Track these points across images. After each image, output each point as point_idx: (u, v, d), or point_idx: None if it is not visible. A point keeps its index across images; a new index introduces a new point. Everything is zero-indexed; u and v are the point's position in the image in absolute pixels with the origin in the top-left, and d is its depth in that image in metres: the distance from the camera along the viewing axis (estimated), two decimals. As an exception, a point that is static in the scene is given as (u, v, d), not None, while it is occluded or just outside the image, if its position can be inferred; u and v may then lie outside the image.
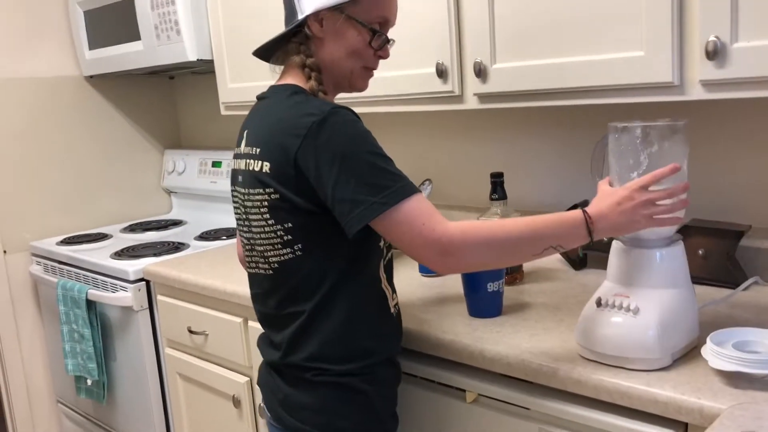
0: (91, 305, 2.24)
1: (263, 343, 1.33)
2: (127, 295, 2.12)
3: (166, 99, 3.05)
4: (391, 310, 1.27)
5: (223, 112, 2.27)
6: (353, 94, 1.37)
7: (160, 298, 2.10)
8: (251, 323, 1.77)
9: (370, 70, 1.28)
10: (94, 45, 2.62)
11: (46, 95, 2.67)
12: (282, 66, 1.31)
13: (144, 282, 2.14)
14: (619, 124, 1.15)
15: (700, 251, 1.48)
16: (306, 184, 1.13)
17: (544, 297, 1.50)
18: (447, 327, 1.36)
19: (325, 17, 1.20)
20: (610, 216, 1.09)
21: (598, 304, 1.16)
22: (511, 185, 1.96)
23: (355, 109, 1.17)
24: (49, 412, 2.74)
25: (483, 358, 1.25)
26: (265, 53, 1.31)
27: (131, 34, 2.40)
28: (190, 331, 1.97)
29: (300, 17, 1.21)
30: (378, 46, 1.24)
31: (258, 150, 1.19)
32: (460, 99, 1.60)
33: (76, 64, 2.74)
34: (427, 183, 1.90)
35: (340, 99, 1.67)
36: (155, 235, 2.61)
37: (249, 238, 1.25)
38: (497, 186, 1.59)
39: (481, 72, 1.52)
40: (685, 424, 1.03)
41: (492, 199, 1.60)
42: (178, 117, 3.10)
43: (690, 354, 1.14)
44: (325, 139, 1.10)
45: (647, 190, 1.08)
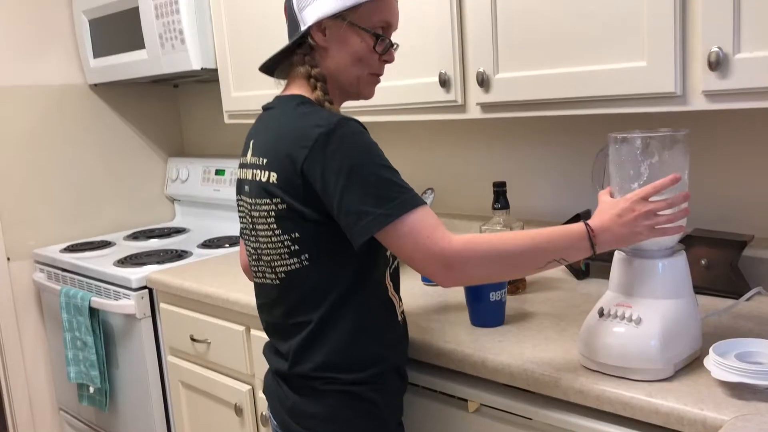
0: (94, 313, 2.24)
1: (269, 351, 1.32)
2: (129, 303, 2.13)
3: (170, 107, 3.06)
4: (398, 318, 1.27)
5: (226, 121, 2.28)
6: (356, 102, 1.37)
7: (162, 306, 2.10)
8: (254, 332, 1.77)
9: (377, 77, 1.28)
10: (98, 53, 2.64)
11: (51, 103, 2.69)
12: (285, 79, 1.31)
13: (147, 290, 2.14)
14: (619, 134, 1.14)
15: (703, 261, 1.48)
16: (313, 195, 1.13)
17: (547, 306, 1.50)
18: (449, 336, 1.36)
19: (327, 26, 1.21)
20: (611, 228, 1.09)
21: (601, 314, 1.16)
22: (514, 194, 1.96)
23: (359, 118, 1.17)
24: (51, 419, 2.74)
25: (485, 367, 1.25)
26: (270, 67, 1.32)
27: (136, 42, 2.41)
28: (193, 339, 1.97)
29: (303, 28, 1.21)
30: (382, 50, 1.24)
31: (265, 160, 1.19)
32: (462, 108, 1.61)
33: (80, 72, 2.75)
34: (429, 192, 1.91)
35: (344, 108, 1.68)
36: (158, 243, 2.61)
37: (256, 248, 1.25)
38: (500, 195, 1.59)
39: (483, 82, 1.52)
40: (688, 436, 1.03)
41: (494, 209, 1.60)
42: (181, 125, 3.11)
43: (692, 364, 1.14)
44: (332, 150, 1.10)
45: (648, 200, 1.09)
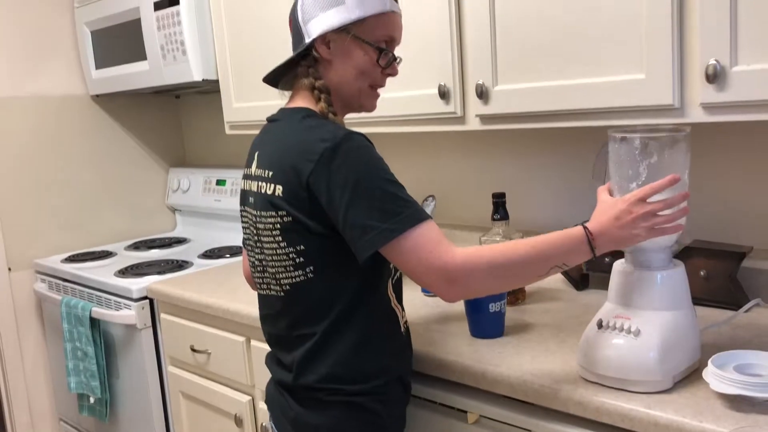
0: (94, 323, 2.24)
1: (272, 362, 1.32)
2: (130, 313, 2.13)
3: (172, 118, 3.07)
4: (401, 329, 1.27)
5: (227, 132, 2.29)
6: (356, 114, 1.38)
7: (163, 316, 2.10)
8: (254, 342, 1.77)
9: (377, 89, 1.29)
10: (100, 64, 2.65)
11: (52, 114, 2.70)
12: (290, 90, 1.32)
13: (147, 300, 2.14)
14: (618, 134, 1.13)
15: (702, 272, 1.48)
16: (318, 208, 1.14)
17: (546, 317, 1.50)
18: (449, 348, 1.36)
19: (332, 39, 1.22)
20: (610, 231, 1.09)
21: (600, 325, 1.16)
22: (513, 205, 1.96)
23: (358, 130, 1.18)
24: (52, 429, 2.73)
25: (485, 379, 1.25)
26: (274, 79, 1.32)
27: (137, 54, 2.43)
28: (193, 350, 1.97)
29: (307, 41, 1.22)
30: (385, 64, 1.25)
31: (270, 173, 1.19)
32: (462, 120, 1.61)
33: (82, 83, 2.77)
34: (430, 199, 1.90)
35: (345, 120, 1.68)
36: (159, 253, 2.62)
37: (261, 260, 1.26)
38: (499, 206, 1.60)
39: (483, 94, 1.53)
40: (687, 448, 1.03)
41: (494, 220, 1.60)
42: (183, 135, 3.12)
43: (691, 376, 1.14)
44: (338, 165, 1.11)
45: (646, 201, 1.08)
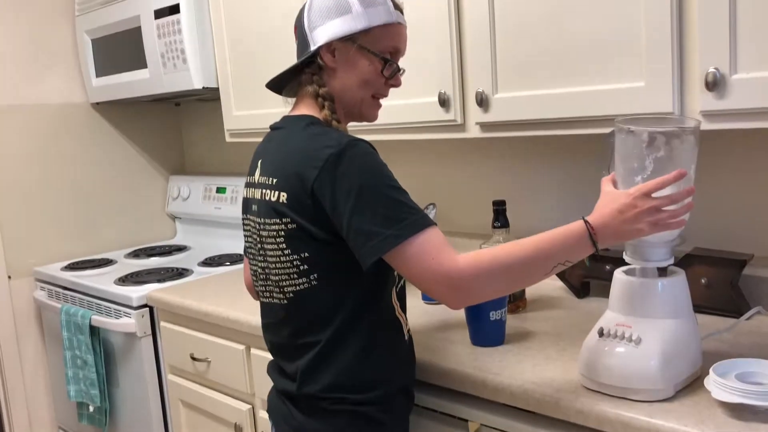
0: (94, 331, 2.24)
1: (274, 371, 1.32)
2: (130, 322, 2.13)
3: (172, 125, 3.08)
4: (405, 338, 1.27)
5: (227, 139, 2.29)
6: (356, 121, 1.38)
7: (163, 324, 2.10)
8: (254, 351, 1.77)
9: (378, 99, 1.29)
10: (101, 72, 2.65)
11: (53, 122, 2.70)
12: (294, 97, 1.32)
13: (147, 308, 2.14)
14: (625, 126, 1.10)
15: (703, 280, 1.48)
16: (322, 215, 1.13)
17: (547, 325, 1.49)
18: (449, 356, 1.36)
19: (337, 48, 1.22)
20: (612, 224, 1.07)
21: (600, 334, 1.16)
22: (514, 213, 1.96)
23: (360, 137, 1.18)
24: (51, 438, 2.73)
25: (485, 387, 1.25)
26: (278, 85, 1.32)
27: (138, 62, 2.43)
28: (193, 358, 1.97)
29: (312, 48, 1.22)
30: (389, 74, 1.25)
31: (274, 180, 1.19)
32: (462, 128, 1.61)
33: (83, 91, 2.77)
34: (431, 207, 1.90)
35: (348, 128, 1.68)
36: (159, 261, 2.61)
37: (264, 268, 1.25)
38: (499, 214, 1.60)
39: (483, 101, 1.53)
40: (689, 457, 1.02)
41: (494, 227, 1.60)
42: (183, 143, 3.12)
43: (693, 385, 1.14)
44: (342, 171, 1.10)
45: (650, 196, 1.06)
